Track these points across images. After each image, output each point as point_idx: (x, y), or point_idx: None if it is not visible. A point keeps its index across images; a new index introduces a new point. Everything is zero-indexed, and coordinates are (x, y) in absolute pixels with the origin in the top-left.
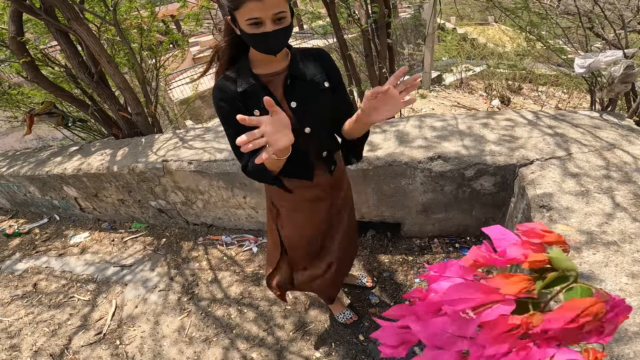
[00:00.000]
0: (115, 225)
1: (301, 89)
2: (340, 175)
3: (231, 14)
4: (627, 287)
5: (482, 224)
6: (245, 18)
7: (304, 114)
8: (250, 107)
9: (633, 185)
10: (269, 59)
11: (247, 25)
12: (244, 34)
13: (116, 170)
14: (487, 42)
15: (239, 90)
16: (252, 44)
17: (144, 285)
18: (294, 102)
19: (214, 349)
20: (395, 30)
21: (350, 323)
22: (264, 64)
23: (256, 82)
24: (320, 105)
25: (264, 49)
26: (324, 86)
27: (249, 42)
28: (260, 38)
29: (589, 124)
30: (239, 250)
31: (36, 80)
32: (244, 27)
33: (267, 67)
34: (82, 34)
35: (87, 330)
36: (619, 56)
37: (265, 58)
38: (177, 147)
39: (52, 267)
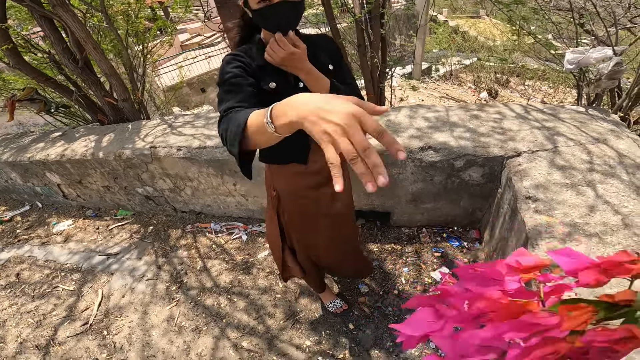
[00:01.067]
0: (100, 212)
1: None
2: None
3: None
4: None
5: (469, 214)
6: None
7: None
8: (265, 79)
9: (616, 179)
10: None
11: (256, 3)
12: (254, 13)
13: (102, 157)
14: (478, 35)
15: (255, 64)
16: (261, 21)
17: (131, 274)
18: (301, 82)
19: (204, 338)
20: (388, 21)
21: (340, 312)
22: None
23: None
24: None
25: (272, 24)
26: (329, 69)
27: (258, 20)
28: (269, 11)
29: (576, 119)
30: (228, 238)
31: (19, 66)
32: (252, 5)
33: None
34: (68, 20)
35: (73, 320)
36: (609, 53)
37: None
38: (166, 134)
39: (35, 256)
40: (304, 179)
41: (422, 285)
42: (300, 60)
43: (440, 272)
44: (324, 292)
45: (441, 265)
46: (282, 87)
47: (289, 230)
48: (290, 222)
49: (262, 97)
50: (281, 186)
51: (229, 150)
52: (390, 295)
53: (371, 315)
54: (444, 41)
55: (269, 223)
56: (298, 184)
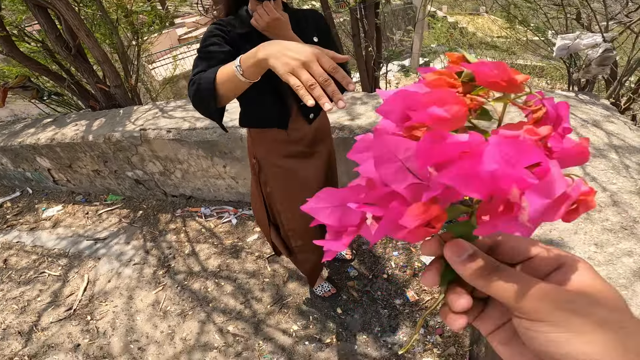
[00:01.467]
0: (90, 197)
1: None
2: (319, 131)
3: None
4: (595, 256)
5: None
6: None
7: None
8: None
9: (604, 158)
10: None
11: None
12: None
13: (91, 140)
14: (476, 31)
15: (238, 32)
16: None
17: (118, 259)
18: None
19: (189, 322)
20: (383, 12)
21: (328, 296)
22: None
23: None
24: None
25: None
26: (313, 41)
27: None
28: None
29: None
30: (218, 222)
31: (11, 54)
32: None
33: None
34: (62, 8)
35: (57, 306)
36: (599, 40)
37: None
38: (157, 117)
39: (23, 242)
40: (284, 146)
41: (411, 269)
42: (283, 28)
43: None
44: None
45: None
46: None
47: (271, 203)
48: (272, 193)
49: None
50: (261, 154)
51: (204, 109)
52: (380, 279)
53: (360, 300)
54: (442, 36)
55: (254, 196)
56: (278, 151)
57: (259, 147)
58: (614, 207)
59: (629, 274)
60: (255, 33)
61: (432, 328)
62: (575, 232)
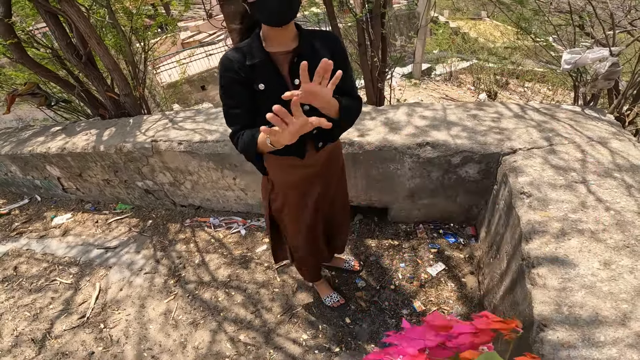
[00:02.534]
0: (99, 206)
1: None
2: (332, 153)
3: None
4: (599, 273)
5: (465, 210)
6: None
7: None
8: (256, 81)
9: (610, 177)
10: (279, 35)
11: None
12: (250, 6)
13: (102, 150)
14: (478, 36)
15: (247, 64)
16: (257, 13)
17: (129, 268)
18: (297, 79)
19: (201, 331)
20: (388, 21)
21: (337, 306)
22: (276, 41)
23: (265, 58)
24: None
25: (268, 15)
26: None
27: (256, 12)
28: (264, 2)
29: (571, 118)
30: (227, 232)
31: (22, 61)
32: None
33: (278, 45)
34: (73, 15)
35: (70, 314)
36: (605, 54)
37: (274, 35)
38: (167, 128)
39: (33, 250)
40: (298, 170)
41: (418, 280)
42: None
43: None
44: (322, 286)
45: (437, 261)
46: (270, 88)
47: (278, 218)
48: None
49: (254, 94)
50: (277, 176)
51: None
52: (387, 290)
53: (368, 310)
54: (444, 42)
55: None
56: (294, 175)
57: (275, 170)
58: (617, 226)
59: (631, 290)
60: (263, 63)
61: None
62: (579, 250)
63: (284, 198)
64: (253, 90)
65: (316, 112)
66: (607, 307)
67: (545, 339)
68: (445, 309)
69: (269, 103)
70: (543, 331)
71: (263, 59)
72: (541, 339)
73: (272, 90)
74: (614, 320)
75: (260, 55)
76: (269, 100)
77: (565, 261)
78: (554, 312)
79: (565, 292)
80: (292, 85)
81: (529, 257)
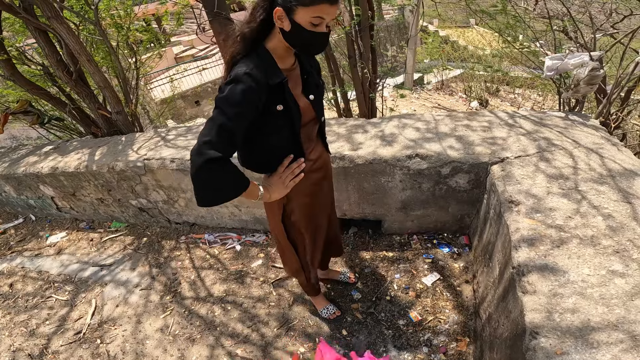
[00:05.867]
0: (93, 224)
1: (312, 84)
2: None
3: (288, 8)
4: (589, 279)
5: (458, 220)
6: (314, 15)
7: (319, 105)
8: (274, 101)
9: (596, 182)
10: (286, 54)
11: (309, 23)
12: (300, 30)
13: (95, 169)
14: (467, 44)
15: (270, 83)
16: (304, 42)
17: (124, 285)
18: (312, 95)
19: (198, 346)
20: (378, 32)
21: (333, 318)
22: (283, 59)
23: (285, 78)
24: (322, 98)
25: (315, 48)
26: (321, 82)
27: (300, 39)
28: (320, 37)
29: (557, 124)
30: (222, 248)
31: (13, 78)
32: (304, 24)
33: (284, 62)
34: (62, 32)
35: (66, 330)
36: (586, 59)
37: (285, 54)
38: (159, 146)
39: (28, 268)
40: (312, 176)
41: (413, 290)
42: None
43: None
44: (318, 299)
45: (432, 271)
46: (287, 110)
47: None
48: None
49: (267, 116)
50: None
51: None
52: (383, 301)
53: (364, 321)
54: (434, 51)
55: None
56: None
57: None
58: (607, 232)
59: (622, 295)
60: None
61: (436, 347)
62: (569, 257)
63: (300, 209)
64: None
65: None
66: (599, 312)
67: (538, 347)
68: (442, 318)
69: (284, 123)
70: (535, 339)
71: (284, 79)
72: (534, 346)
73: (288, 110)
74: (606, 325)
75: (280, 75)
76: (284, 120)
77: (555, 268)
78: (546, 319)
79: (556, 299)
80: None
81: (519, 266)
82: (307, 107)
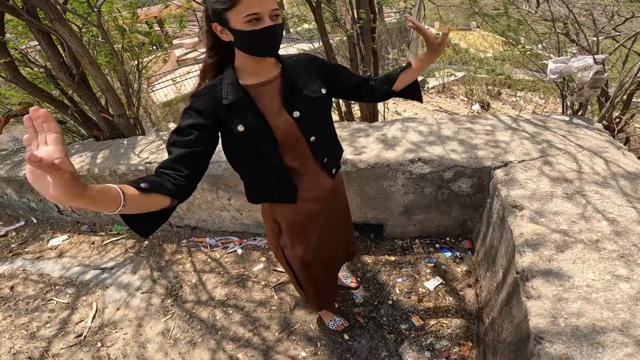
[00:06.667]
0: (95, 228)
1: (302, 98)
2: (339, 178)
3: (220, 19)
4: (594, 283)
5: (461, 224)
6: (245, 14)
7: (308, 123)
8: (234, 121)
9: (601, 186)
10: (257, 67)
11: (245, 23)
12: (240, 35)
13: (97, 172)
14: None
15: (224, 103)
16: (250, 44)
17: (125, 288)
18: (297, 112)
19: (199, 350)
20: (380, 35)
21: (341, 329)
22: (252, 73)
23: (244, 95)
24: (322, 112)
25: (264, 46)
26: (322, 93)
27: (245, 43)
28: (264, 33)
29: (561, 128)
30: (223, 252)
31: (15, 80)
32: (240, 26)
33: (255, 76)
34: (65, 34)
35: (67, 333)
36: (590, 62)
37: (253, 66)
38: (161, 149)
39: (29, 271)
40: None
41: (416, 295)
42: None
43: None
44: (325, 311)
45: (435, 275)
46: (250, 130)
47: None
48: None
49: (232, 138)
50: (284, 217)
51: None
52: (385, 305)
53: (366, 326)
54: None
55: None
56: (301, 212)
57: (281, 210)
58: (611, 236)
59: (627, 299)
60: (242, 102)
61: (439, 351)
62: (573, 261)
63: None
64: (227, 130)
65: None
66: (604, 317)
67: (543, 352)
68: (444, 323)
69: (250, 145)
70: (540, 344)
71: (242, 96)
72: (538, 351)
73: (252, 130)
74: (612, 330)
75: (238, 92)
76: (249, 142)
77: (560, 273)
78: (550, 324)
79: (561, 304)
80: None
81: (523, 270)
82: (287, 125)
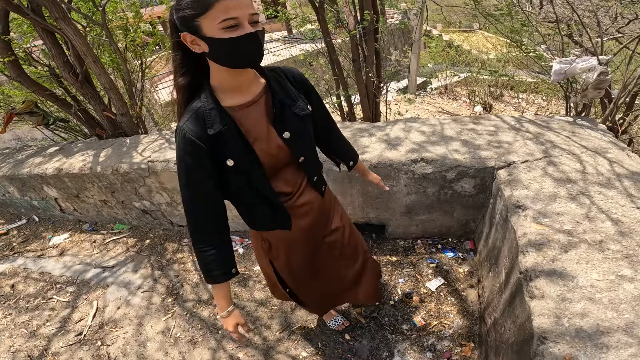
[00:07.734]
0: (96, 226)
1: (290, 118)
2: (329, 194)
3: (190, 27)
4: (597, 284)
5: (463, 225)
6: (220, 19)
7: (298, 143)
8: (221, 154)
9: (604, 186)
10: (237, 82)
11: (220, 30)
12: (216, 43)
13: (99, 171)
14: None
15: (209, 133)
16: (229, 54)
17: (126, 286)
18: (287, 132)
19: (199, 349)
20: (382, 36)
21: (342, 329)
22: (233, 91)
23: (230, 122)
24: (309, 131)
25: (245, 56)
26: (309, 110)
27: (223, 53)
28: (245, 41)
29: (565, 129)
30: None
31: (19, 79)
32: (216, 34)
33: (236, 96)
34: (69, 33)
35: (67, 331)
36: (594, 63)
37: (233, 82)
38: (163, 148)
39: (30, 269)
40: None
41: (417, 295)
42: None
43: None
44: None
45: (436, 275)
46: (240, 163)
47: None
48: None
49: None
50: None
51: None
52: (387, 305)
53: (367, 326)
54: (438, 55)
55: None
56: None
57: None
58: (615, 236)
59: (631, 299)
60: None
61: (440, 352)
62: (577, 262)
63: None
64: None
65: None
66: (609, 317)
67: (546, 352)
68: (446, 323)
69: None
70: (543, 344)
71: (227, 122)
72: (542, 351)
73: (242, 163)
74: (616, 330)
75: (223, 118)
76: (237, 176)
77: (564, 273)
78: (554, 324)
79: (564, 304)
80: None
81: (526, 270)
82: (276, 150)
